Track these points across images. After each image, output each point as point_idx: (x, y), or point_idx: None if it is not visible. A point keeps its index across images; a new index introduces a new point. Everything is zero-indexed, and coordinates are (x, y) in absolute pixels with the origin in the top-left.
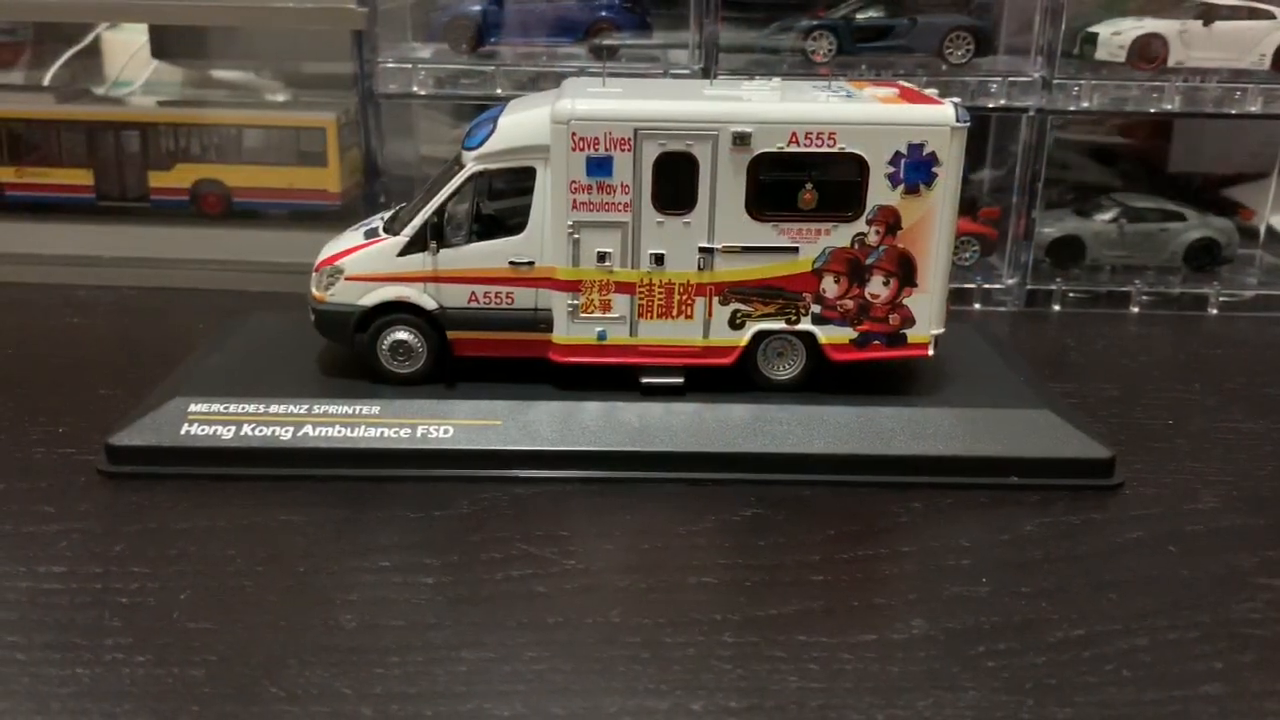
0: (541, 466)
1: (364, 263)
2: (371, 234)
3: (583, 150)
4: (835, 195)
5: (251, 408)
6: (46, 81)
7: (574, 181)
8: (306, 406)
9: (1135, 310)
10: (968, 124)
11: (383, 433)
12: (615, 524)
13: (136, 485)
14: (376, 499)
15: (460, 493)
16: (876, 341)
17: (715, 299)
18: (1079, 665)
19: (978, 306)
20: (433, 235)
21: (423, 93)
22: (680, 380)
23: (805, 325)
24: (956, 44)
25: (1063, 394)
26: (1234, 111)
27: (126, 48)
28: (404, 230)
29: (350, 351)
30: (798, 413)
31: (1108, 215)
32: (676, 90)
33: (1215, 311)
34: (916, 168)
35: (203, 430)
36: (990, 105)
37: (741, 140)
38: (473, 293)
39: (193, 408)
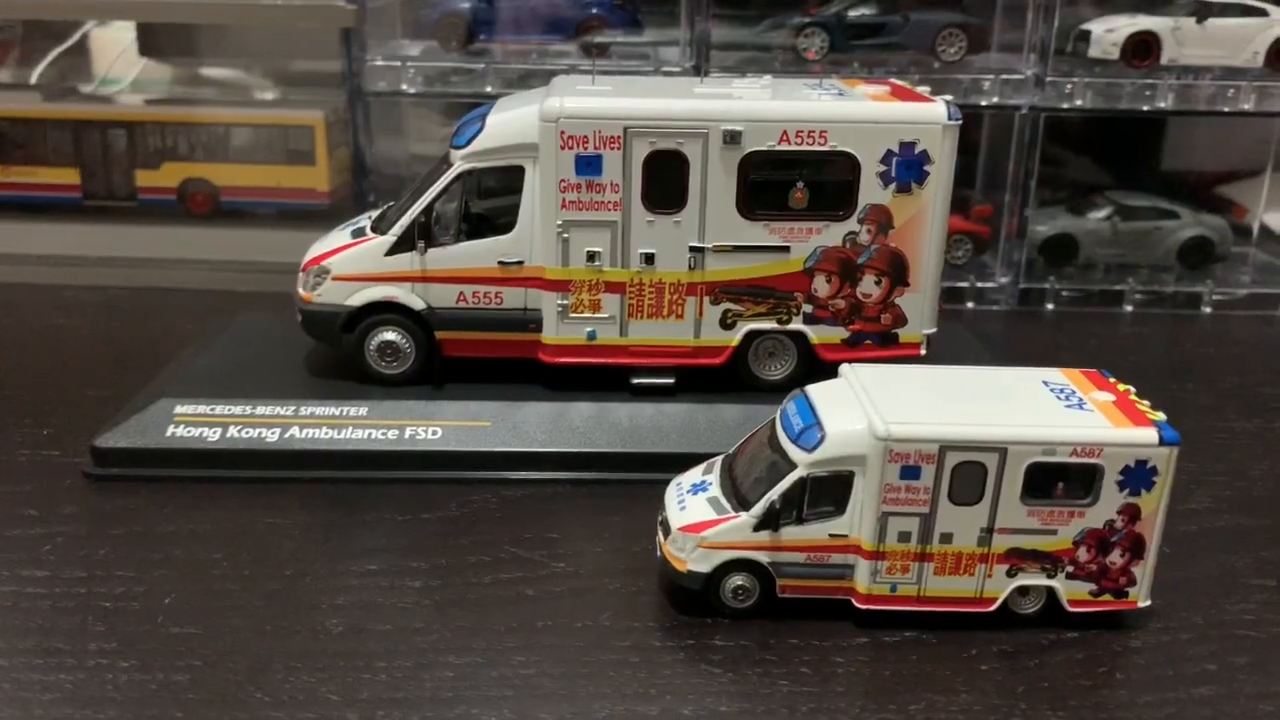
0: (531, 468)
1: (351, 262)
2: (359, 233)
3: (572, 149)
4: (826, 194)
5: (238, 409)
6: (33, 79)
7: (563, 180)
8: (293, 408)
9: (1128, 309)
10: (959, 121)
11: (370, 434)
12: (605, 526)
13: (122, 488)
14: (364, 501)
15: (448, 495)
16: (868, 341)
17: (706, 298)
18: (1072, 667)
19: (971, 305)
20: (420, 235)
21: (412, 90)
22: (671, 381)
23: (797, 325)
24: (949, 41)
25: None
26: (1227, 109)
27: (114, 45)
28: (391, 229)
29: (338, 352)
30: None
31: (1101, 213)
32: (667, 88)
33: (1209, 310)
34: (908, 166)
35: (189, 432)
36: (983, 103)
37: (732, 138)
38: (461, 292)
39: (179, 409)
